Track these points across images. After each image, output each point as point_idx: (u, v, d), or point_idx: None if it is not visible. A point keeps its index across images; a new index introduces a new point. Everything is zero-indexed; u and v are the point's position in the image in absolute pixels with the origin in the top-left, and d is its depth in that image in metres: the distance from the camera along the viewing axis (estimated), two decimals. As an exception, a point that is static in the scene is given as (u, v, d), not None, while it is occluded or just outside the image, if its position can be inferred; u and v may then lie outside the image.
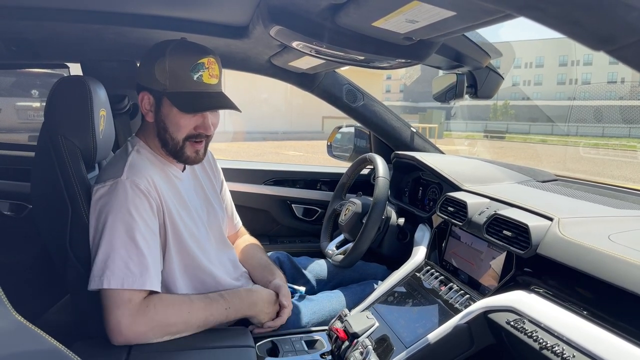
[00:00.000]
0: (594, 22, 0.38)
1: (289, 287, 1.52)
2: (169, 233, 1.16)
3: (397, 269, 1.45)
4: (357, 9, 0.82)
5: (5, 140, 5.43)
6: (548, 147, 18.78)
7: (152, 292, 1.08)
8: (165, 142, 1.18)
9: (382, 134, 1.99)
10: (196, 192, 1.32)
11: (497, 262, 1.11)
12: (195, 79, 1.12)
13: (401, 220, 1.68)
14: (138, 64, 1.24)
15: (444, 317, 1.12)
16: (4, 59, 1.63)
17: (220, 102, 1.16)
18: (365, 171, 2.04)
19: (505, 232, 1.08)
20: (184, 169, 1.29)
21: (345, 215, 1.67)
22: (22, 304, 0.54)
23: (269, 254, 1.68)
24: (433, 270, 1.34)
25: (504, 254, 1.10)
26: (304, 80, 1.84)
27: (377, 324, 1.23)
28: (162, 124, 1.17)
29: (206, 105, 1.14)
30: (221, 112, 1.23)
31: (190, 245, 1.20)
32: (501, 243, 1.08)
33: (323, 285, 1.61)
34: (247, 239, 1.58)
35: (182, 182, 1.26)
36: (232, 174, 2.05)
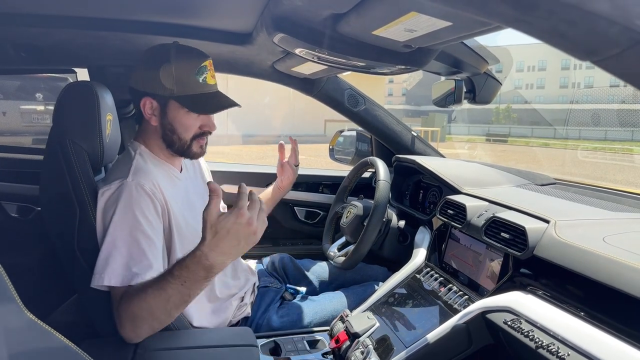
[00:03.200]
0: (579, 35, 0.41)
1: (290, 288, 1.54)
2: (174, 234, 1.19)
3: (397, 270, 1.47)
4: (357, 18, 0.84)
5: (9, 143, 5.48)
6: (550, 151, 18.75)
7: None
8: (171, 143, 1.22)
9: (383, 138, 2.02)
10: (195, 193, 1.35)
11: (495, 264, 1.14)
12: (200, 81, 1.18)
13: (402, 223, 1.70)
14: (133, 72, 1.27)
15: (443, 318, 1.15)
16: (14, 65, 1.67)
17: (226, 101, 1.22)
18: (366, 174, 2.07)
19: (503, 234, 1.11)
20: (181, 170, 1.32)
21: (346, 217, 1.69)
22: (28, 305, 0.56)
23: (272, 256, 1.71)
24: (433, 272, 1.36)
25: (502, 255, 1.12)
26: (306, 85, 1.87)
27: (377, 324, 1.25)
28: (169, 126, 1.20)
29: (216, 106, 1.20)
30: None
31: (192, 246, 1.23)
32: (499, 245, 1.10)
33: (325, 286, 1.63)
34: None
35: (182, 183, 1.29)
36: (235, 177, 2.08)
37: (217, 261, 0.93)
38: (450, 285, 1.26)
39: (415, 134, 2.04)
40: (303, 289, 1.56)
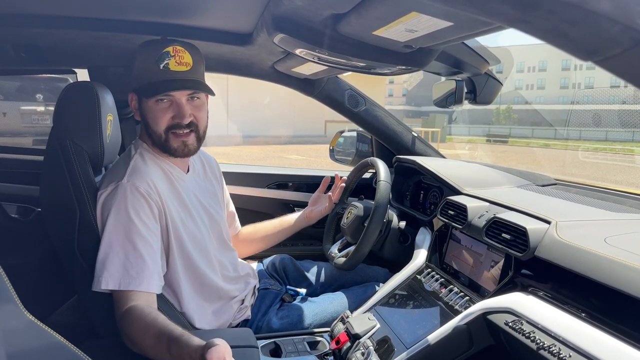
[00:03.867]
0: (580, 35, 0.41)
1: (290, 289, 1.54)
2: (171, 235, 1.18)
3: (398, 271, 1.47)
4: (358, 18, 0.84)
5: (9, 144, 5.48)
6: (551, 152, 18.74)
7: (140, 300, 1.05)
8: (151, 137, 1.21)
9: (383, 139, 2.01)
10: (200, 194, 1.35)
11: (496, 265, 1.13)
12: (161, 67, 1.14)
13: (402, 224, 1.70)
14: None
15: (444, 319, 1.14)
16: (14, 65, 1.67)
17: (182, 84, 1.15)
18: (367, 175, 2.06)
19: (504, 235, 1.10)
20: (188, 171, 1.32)
21: (347, 218, 1.69)
22: (29, 306, 0.56)
23: (272, 257, 1.71)
24: (434, 272, 1.36)
25: (503, 256, 1.12)
26: (307, 86, 1.87)
27: (378, 325, 1.25)
28: (145, 119, 1.20)
29: (167, 87, 1.14)
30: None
31: (191, 248, 1.23)
32: (500, 246, 1.10)
33: (325, 287, 1.63)
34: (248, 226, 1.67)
35: (185, 184, 1.28)
36: (236, 178, 2.08)
37: None
38: (451, 286, 1.26)
39: (415, 135, 2.04)
40: (303, 291, 1.56)
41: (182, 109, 1.16)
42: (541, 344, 0.86)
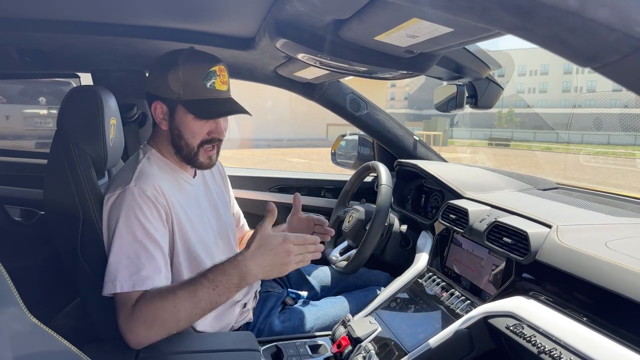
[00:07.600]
0: (579, 42, 0.41)
1: (292, 292, 1.54)
2: (177, 239, 1.19)
3: (399, 275, 1.47)
4: (360, 24, 0.85)
5: (13, 147, 5.50)
6: (553, 155, 18.70)
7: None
8: (179, 148, 1.22)
9: (385, 142, 2.02)
10: (207, 198, 1.36)
11: (498, 269, 1.14)
12: (208, 86, 1.17)
13: (404, 227, 1.70)
14: (147, 74, 1.28)
15: (445, 323, 1.15)
16: (18, 69, 1.68)
17: (233, 107, 1.21)
18: (368, 179, 2.07)
19: (505, 239, 1.11)
20: (195, 175, 1.33)
21: (348, 222, 1.69)
22: (31, 309, 0.56)
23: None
24: (435, 276, 1.36)
25: (504, 260, 1.12)
26: (309, 90, 1.88)
27: (379, 329, 1.25)
28: (176, 131, 1.20)
29: (221, 111, 1.19)
30: (228, 119, 1.27)
31: (198, 251, 1.23)
32: (501, 250, 1.10)
33: (327, 291, 1.63)
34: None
35: (194, 188, 1.29)
36: (238, 181, 2.08)
37: (252, 271, 1.01)
38: (453, 290, 1.26)
39: (417, 138, 2.05)
40: (304, 294, 1.56)
41: (221, 125, 1.22)
42: (542, 348, 0.86)
